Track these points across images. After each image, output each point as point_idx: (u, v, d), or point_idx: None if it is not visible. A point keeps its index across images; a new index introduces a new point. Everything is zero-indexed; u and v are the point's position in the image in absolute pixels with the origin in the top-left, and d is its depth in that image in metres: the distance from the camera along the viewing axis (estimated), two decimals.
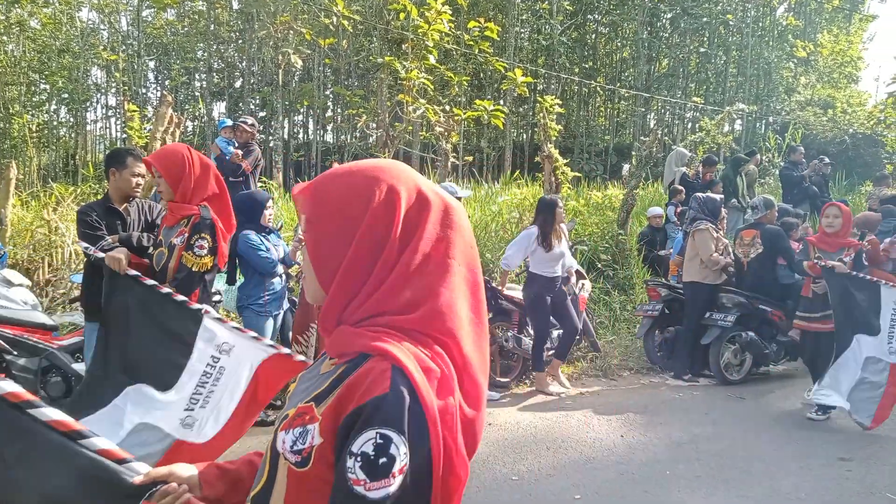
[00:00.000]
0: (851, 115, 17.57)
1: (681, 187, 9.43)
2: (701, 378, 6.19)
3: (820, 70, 21.66)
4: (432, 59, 9.18)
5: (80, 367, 4.23)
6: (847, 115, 17.48)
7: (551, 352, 6.18)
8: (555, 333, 6.17)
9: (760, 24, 20.64)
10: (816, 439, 4.68)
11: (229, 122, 7.17)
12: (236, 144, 6.87)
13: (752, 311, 6.18)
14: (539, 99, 9.35)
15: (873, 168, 15.37)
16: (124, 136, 11.24)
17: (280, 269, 4.81)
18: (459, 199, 5.53)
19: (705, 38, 19.99)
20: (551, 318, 5.80)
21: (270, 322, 4.77)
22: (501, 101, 16.29)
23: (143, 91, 18.71)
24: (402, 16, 9.70)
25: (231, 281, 4.90)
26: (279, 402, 5.11)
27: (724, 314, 6.12)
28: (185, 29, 19.16)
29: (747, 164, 10.12)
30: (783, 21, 20.96)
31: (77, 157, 18.70)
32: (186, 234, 3.46)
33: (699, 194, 7.06)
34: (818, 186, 10.15)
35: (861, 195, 13.55)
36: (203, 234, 3.46)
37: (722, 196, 8.36)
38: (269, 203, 4.82)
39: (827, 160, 10.91)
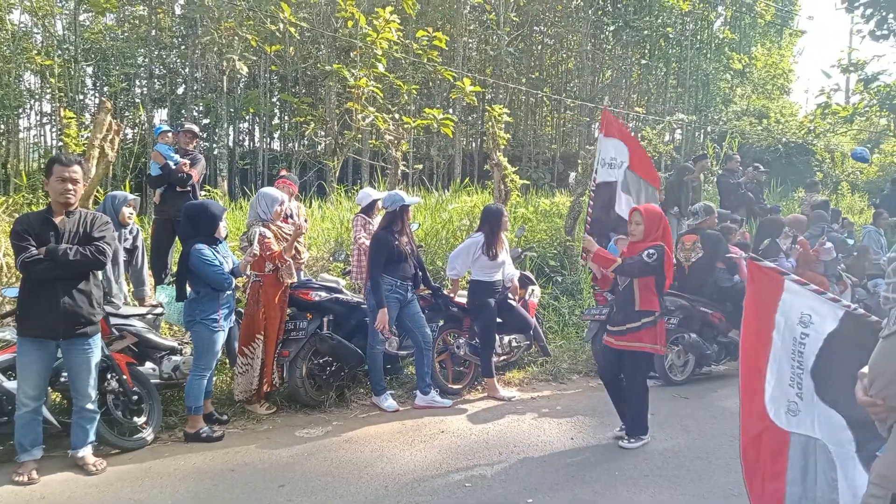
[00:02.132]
0: (784, 124, 18.41)
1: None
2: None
3: (755, 82, 22.58)
4: (381, 68, 9.17)
5: (11, 386, 4.02)
6: (780, 125, 18.31)
7: (502, 358, 6.23)
8: (506, 339, 6.22)
9: (699, 38, 21.36)
10: None
11: (167, 128, 6.97)
12: (175, 151, 6.69)
13: (694, 313, 6.38)
14: (488, 108, 9.45)
15: (805, 175, 16.13)
16: (60, 143, 10.82)
17: (233, 282, 4.70)
18: (408, 206, 5.52)
19: (646, 51, 20.58)
20: (504, 322, 5.86)
21: (221, 336, 4.65)
22: (451, 110, 16.39)
23: (81, 98, 18.00)
24: (350, 24, 9.66)
25: (181, 297, 4.72)
26: (225, 417, 4.99)
27: (668, 317, 6.28)
28: (125, 34, 18.56)
29: (692, 172, 10.42)
30: (720, 34, 21.77)
31: (9, 165, 17.88)
32: None
33: None
34: (754, 193, 10.56)
35: (794, 201, 14.20)
36: None
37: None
38: (224, 215, 4.73)
39: (762, 168, 11.36)
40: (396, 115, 9.70)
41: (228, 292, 4.68)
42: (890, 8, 16.10)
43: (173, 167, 6.54)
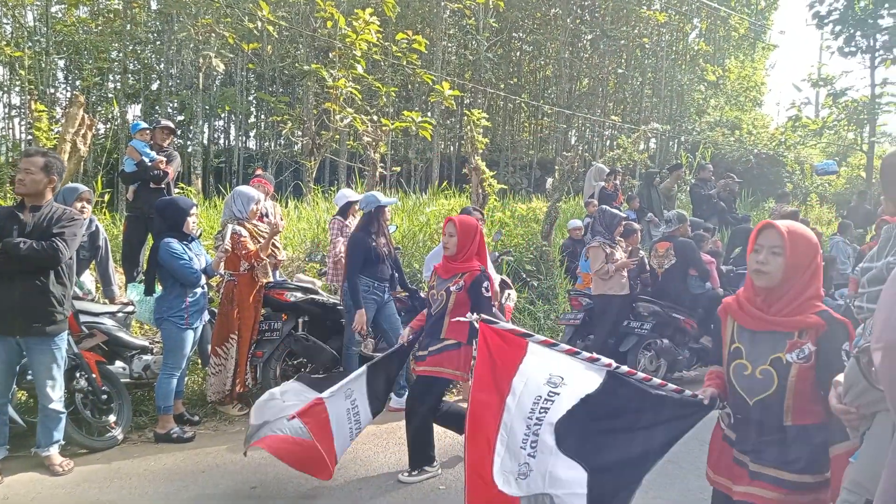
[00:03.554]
0: (756, 136, 18.78)
1: (593, 200, 9.78)
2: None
3: (728, 93, 23.02)
4: (360, 69, 9.14)
5: None
6: (752, 136, 18.67)
7: None
8: None
9: (674, 48, 21.73)
10: None
11: (144, 125, 6.86)
12: (150, 148, 6.59)
13: (667, 319, 6.46)
14: (466, 112, 9.49)
15: (776, 186, 16.47)
16: (30, 137, 10.58)
17: (203, 279, 4.64)
18: (384, 206, 5.50)
19: (623, 60, 20.86)
20: None
21: (191, 334, 4.59)
22: (429, 114, 16.41)
23: (52, 91, 17.62)
24: (329, 24, 9.62)
25: (149, 291, 4.66)
26: (196, 418, 4.92)
27: (641, 322, 6.37)
28: (99, 28, 18.24)
29: (658, 178, 10.61)
30: (695, 46, 22.17)
31: None
32: None
33: (604, 206, 7.34)
34: (726, 202, 10.75)
35: (765, 211, 14.47)
36: None
37: (621, 212, 8.70)
38: (193, 210, 4.65)
39: (735, 178, 11.59)
40: (375, 117, 9.68)
41: (199, 290, 4.61)
42: (858, 26, 16.56)
43: (149, 164, 6.43)
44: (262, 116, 21.16)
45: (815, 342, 2.07)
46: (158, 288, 4.60)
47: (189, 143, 18.39)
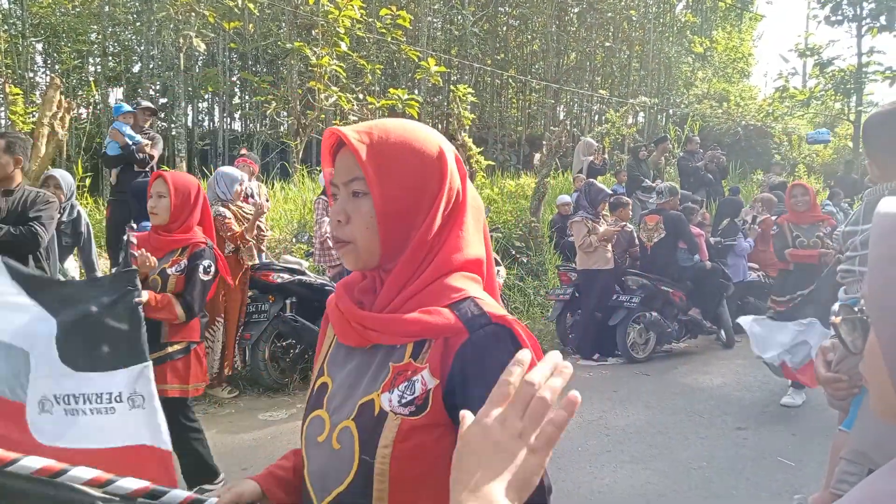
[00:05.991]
0: (744, 108, 18.75)
1: (581, 175, 9.75)
2: (610, 358, 6.44)
3: (715, 65, 22.91)
4: (344, 46, 9.01)
5: None
6: (740, 108, 18.63)
7: None
8: None
9: (661, 20, 21.55)
10: (715, 411, 4.97)
11: (127, 107, 6.73)
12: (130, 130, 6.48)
13: (656, 292, 6.48)
14: (452, 89, 9.38)
15: (764, 157, 16.48)
16: (8, 122, 10.38)
17: None
18: None
19: (610, 33, 20.69)
20: None
21: None
22: (416, 91, 16.24)
23: (31, 75, 17.27)
24: (311, 0, 9.45)
25: None
26: None
27: (630, 296, 6.38)
28: (77, 9, 17.86)
29: (645, 149, 10.58)
30: (682, 18, 22.01)
31: None
32: None
33: (591, 181, 7.32)
34: (714, 175, 10.74)
35: (753, 182, 14.51)
36: None
37: (605, 188, 8.59)
38: None
39: (720, 150, 11.60)
40: (360, 95, 9.56)
41: None
42: None
43: (132, 146, 6.33)
44: (247, 97, 20.89)
45: (441, 367, 0.94)
46: None
47: (172, 125, 18.14)
